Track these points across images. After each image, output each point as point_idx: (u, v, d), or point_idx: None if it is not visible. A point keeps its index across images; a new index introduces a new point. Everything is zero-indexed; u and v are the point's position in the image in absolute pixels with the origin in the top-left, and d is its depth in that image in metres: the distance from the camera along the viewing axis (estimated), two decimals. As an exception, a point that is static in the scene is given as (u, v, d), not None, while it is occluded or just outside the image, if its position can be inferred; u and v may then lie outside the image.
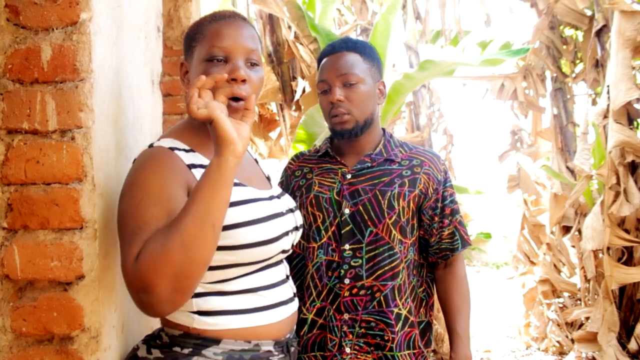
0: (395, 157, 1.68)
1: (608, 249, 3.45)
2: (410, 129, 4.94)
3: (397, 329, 1.60)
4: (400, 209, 1.62)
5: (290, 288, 1.36)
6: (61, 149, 1.14)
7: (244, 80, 1.22)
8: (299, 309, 1.59)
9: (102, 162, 1.22)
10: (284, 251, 1.31)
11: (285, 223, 1.32)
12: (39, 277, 1.14)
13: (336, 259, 1.62)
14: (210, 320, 1.20)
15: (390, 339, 1.59)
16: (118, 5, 1.34)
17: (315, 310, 1.64)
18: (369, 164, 1.67)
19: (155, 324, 1.67)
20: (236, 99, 1.20)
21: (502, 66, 4.50)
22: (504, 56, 3.55)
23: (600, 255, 3.69)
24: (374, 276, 1.61)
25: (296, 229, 1.39)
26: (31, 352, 1.14)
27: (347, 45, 1.67)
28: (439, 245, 1.70)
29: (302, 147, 3.10)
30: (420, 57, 4.74)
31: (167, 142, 1.22)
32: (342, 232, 1.62)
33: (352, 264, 1.61)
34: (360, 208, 1.62)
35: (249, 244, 1.19)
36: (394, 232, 1.62)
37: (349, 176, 1.66)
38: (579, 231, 4.28)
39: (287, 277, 1.37)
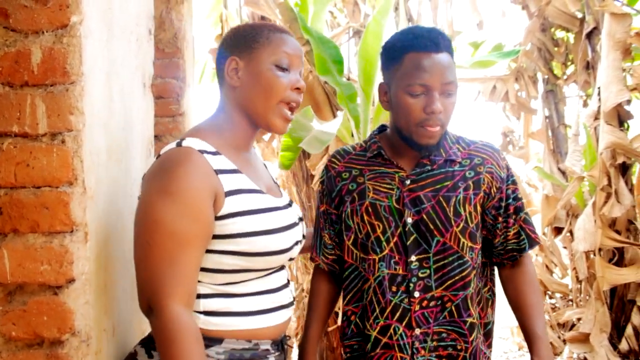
0: (456, 157, 1.53)
1: (600, 250, 3.47)
2: (403, 130, 4.95)
3: (471, 339, 1.49)
4: (467, 215, 1.48)
5: (290, 292, 1.38)
6: (51, 152, 1.14)
7: None
8: (363, 324, 1.53)
9: (93, 165, 1.21)
10: (291, 259, 1.36)
11: (297, 233, 1.36)
12: (29, 280, 1.13)
13: (401, 272, 1.48)
14: (215, 321, 1.22)
15: (464, 348, 1.48)
16: (109, 7, 1.34)
17: (378, 328, 1.50)
18: (429, 167, 1.51)
19: (147, 327, 1.66)
20: None
21: (494, 68, 4.52)
22: (496, 58, 3.57)
23: (592, 256, 3.71)
24: (443, 286, 1.47)
25: (303, 237, 1.43)
26: (21, 356, 1.13)
27: (445, 43, 1.47)
28: (504, 246, 1.57)
29: (289, 156, 3.05)
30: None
31: (196, 143, 1.23)
32: (408, 243, 1.48)
33: (420, 275, 1.48)
34: (424, 216, 1.47)
35: (263, 252, 1.24)
36: (462, 240, 1.48)
37: (408, 182, 1.50)
38: (571, 232, 4.30)
39: (288, 281, 1.39)
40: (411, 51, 1.45)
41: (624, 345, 3.41)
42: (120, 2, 1.43)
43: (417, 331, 1.47)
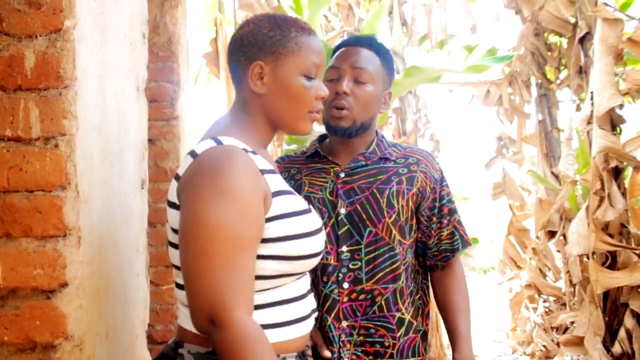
0: (390, 156, 1.62)
1: (593, 253, 3.48)
2: (397, 134, 4.95)
3: (398, 334, 1.53)
4: (400, 208, 1.55)
5: (313, 298, 1.30)
6: (44, 156, 1.14)
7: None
8: None
9: (86, 169, 1.21)
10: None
11: (324, 235, 1.32)
12: (22, 285, 1.13)
13: (332, 262, 1.53)
14: None
15: (391, 344, 1.52)
16: (102, 11, 1.34)
17: None
18: (364, 163, 1.59)
19: (140, 331, 1.66)
20: None
21: (488, 72, 4.53)
22: (489, 63, 3.58)
23: (586, 259, 3.72)
24: (374, 279, 1.52)
25: None
26: (13, 361, 1.13)
27: (371, 44, 1.61)
28: (438, 247, 1.63)
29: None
30: (407, 63, 4.77)
31: (236, 142, 1.15)
32: (339, 233, 1.54)
33: (351, 266, 1.53)
34: (358, 207, 1.54)
35: (304, 255, 1.18)
36: (394, 231, 1.54)
37: (342, 175, 1.58)
38: (564, 236, 4.32)
39: (311, 287, 1.32)
40: (341, 47, 1.64)
41: (617, 348, 3.43)
42: (114, 6, 1.43)
43: (344, 324, 1.52)
